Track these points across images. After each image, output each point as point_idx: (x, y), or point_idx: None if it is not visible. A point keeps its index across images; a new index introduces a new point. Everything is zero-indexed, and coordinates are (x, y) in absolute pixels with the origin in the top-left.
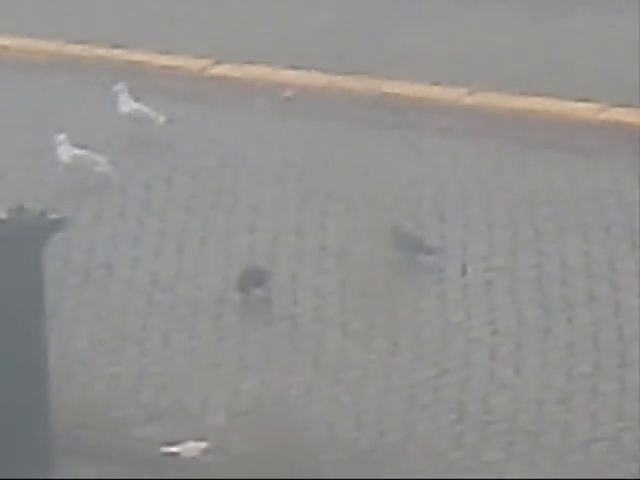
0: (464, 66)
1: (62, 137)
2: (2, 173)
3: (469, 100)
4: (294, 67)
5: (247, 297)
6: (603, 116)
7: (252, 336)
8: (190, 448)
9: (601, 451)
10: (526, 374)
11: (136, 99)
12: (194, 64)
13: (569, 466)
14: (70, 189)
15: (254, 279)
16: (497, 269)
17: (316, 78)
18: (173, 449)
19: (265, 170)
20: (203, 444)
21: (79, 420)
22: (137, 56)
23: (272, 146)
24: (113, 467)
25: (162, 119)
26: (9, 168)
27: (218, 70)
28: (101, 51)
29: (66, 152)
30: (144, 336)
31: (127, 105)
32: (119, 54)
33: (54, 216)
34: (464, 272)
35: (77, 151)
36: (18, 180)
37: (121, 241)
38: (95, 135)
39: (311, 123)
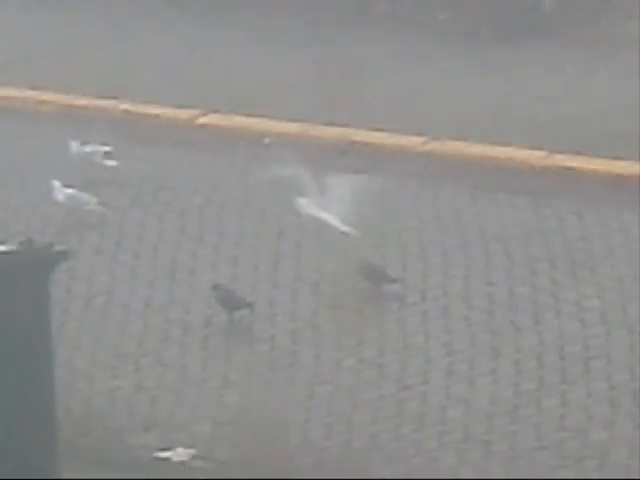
0: (423, 117)
1: (56, 182)
2: (13, 210)
3: (428, 147)
4: (272, 117)
5: (229, 316)
6: (547, 162)
7: (235, 355)
8: (180, 454)
9: (544, 457)
10: (478, 389)
11: (85, 144)
12: (184, 114)
13: (517, 471)
14: (66, 225)
15: (234, 302)
16: (452, 297)
17: (292, 127)
18: (165, 455)
19: (246, 208)
20: (192, 450)
21: (81, 429)
22: (132, 107)
23: (253, 187)
24: (111, 471)
25: (107, 161)
26: (19, 206)
27: (205, 120)
28: (100, 102)
29: (61, 193)
30: (139, 355)
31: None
32: (114, 104)
33: (59, 248)
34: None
35: (70, 192)
36: (24, 217)
37: (118, 271)
38: (91, 178)
39: (287, 167)
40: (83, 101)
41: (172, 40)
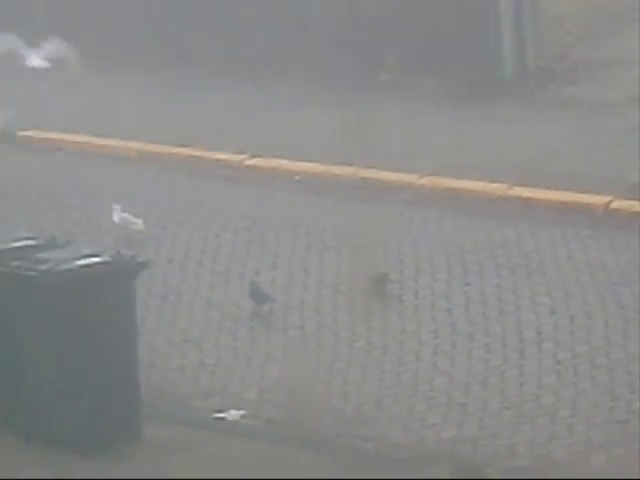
0: (417, 159)
1: (116, 206)
2: (103, 230)
3: (420, 182)
4: (302, 160)
5: (258, 308)
6: (509, 193)
7: (274, 339)
8: (233, 414)
9: (507, 416)
10: (458, 365)
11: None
12: (236, 157)
13: (487, 427)
14: (128, 240)
15: (260, 296)
16: (438, 295)
17: (317, 167)
18: (221, 415)
19: (282, 229)
20: (242, 412)
21: (158, 395)
22: (198, 152)
23: (287, 213)
24: (180, 427)
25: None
26: (108, 226)
27: (251, 162)
28: (173, 149)
29: (116, 215)
30: (201, 339)
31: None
32: (184, 150)
33: (140, 259)
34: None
35: (122, 214)
36: (114, 234)
37: (186, 276)
38: (156, 208)
39: (313, 198)
40: (159, 148)
41: (229, 102)
